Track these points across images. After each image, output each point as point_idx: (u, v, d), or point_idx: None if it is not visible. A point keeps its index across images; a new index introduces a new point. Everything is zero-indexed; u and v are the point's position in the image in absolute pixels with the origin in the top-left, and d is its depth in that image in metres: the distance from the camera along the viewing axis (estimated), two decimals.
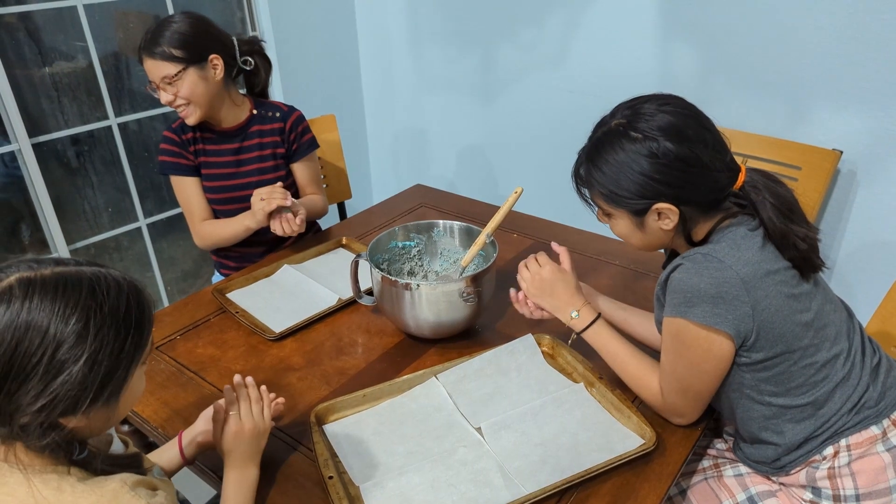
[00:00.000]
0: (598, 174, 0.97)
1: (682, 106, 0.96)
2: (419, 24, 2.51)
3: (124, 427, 1.22)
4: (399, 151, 2.88)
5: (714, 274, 0.90)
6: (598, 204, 1.03)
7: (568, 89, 2.17)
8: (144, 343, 0.72)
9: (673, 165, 0.92)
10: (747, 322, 0.91)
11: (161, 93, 1.49)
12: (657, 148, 0.92)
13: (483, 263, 1.30)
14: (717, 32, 1.80)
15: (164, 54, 1.44)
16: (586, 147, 1.01)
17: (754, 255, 0.92)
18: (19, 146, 1.98)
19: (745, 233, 0.94)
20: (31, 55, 2.00)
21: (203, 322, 1.36)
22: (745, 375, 0.97)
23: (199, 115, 1.53)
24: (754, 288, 0.90)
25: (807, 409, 0.97)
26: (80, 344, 0.65)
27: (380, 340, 1.29)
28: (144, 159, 2.36)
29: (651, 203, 0.95)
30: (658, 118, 0.93)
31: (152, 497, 0.70)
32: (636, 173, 0.93)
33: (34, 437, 0.65)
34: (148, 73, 1.48)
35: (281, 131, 1.65)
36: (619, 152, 0.94)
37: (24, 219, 2.12)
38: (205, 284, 2.36)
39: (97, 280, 0.68)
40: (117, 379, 0.69)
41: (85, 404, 0.66)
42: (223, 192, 1.62)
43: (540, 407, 1.07)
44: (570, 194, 1.08)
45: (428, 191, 2.00)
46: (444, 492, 0.93)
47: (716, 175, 0.94)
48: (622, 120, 0.96)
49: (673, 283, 0.95)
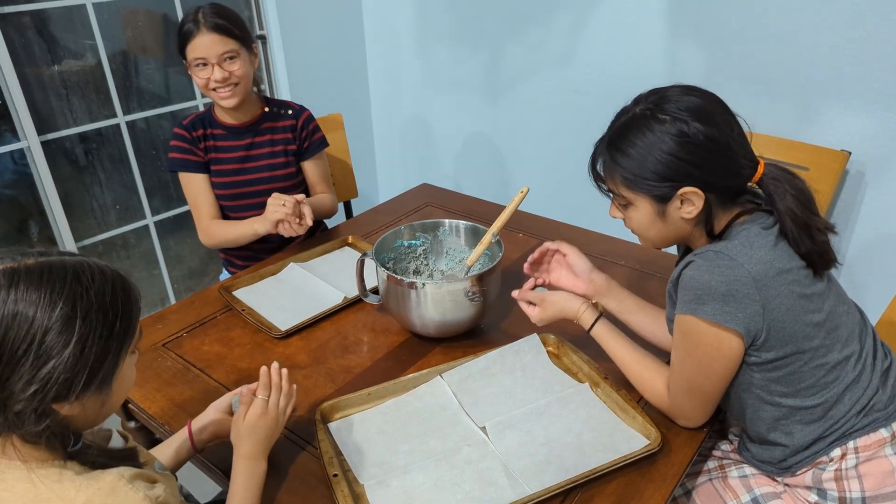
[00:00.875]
0: (622, 158, 0.95)
1: (707, 93, 0.95)
2: (426, 23, 2.51)
3: (131, 423, 1.22)
4: (405, 150, 2.88)
5: (725, 272, 0.90)
6: (617, 193, 0.99)
7: (574, 89, 2.17)
8: (133, 330, 0.73)
9: (702, 146, 0.90)
10: (757, 321, 0.90)
11: (215, 69, 1.49)
12: (686, 128, 0.90)
13: (489, 263, 1.30)
14: (725, 32, 1.79)
15: (228, 30, 1.47)
16: (606, 136, 0.99)
17: (767, 253, 0.91)
18: (28, 144, 1.99)
19: (758, 231, 0.93)
20: (40, 53, 2.02)
21: (209, 319, 1.36)
22: (754, 375, 0.96)
23: (239, 99, 1.55)
24: (765, 286, 0.89)
25: (816, 410, 0.96)
26: (68, 329, 0.65)
27: (385, 339, 1.29)
28: (152, 157, 2.37)
29: (677, 186, 0.93)
30: (685, 100, 0.92)
31: (150, 489, 0.70)
32: (664, 154, 0.91)
33: (30, 423, 0.66)
34: (200, 50, 1.47)
35: (293, 129, 1.67)
36: (646, 134, 0.93)
37: (32, 216, 2.13)
38: (211, 282, 2.37)
39: (81, 268, 0.68)
40: (108, 364, 0.70)
41: (77, 389, 0.67)
42: (233, 188, 1.62)
43: (545, 407, 1.07)
44: (577, 194, 1.09)
45: (434, 190, 2.00)
46: (448, 491, 0.93)
47: (741, 162, 0.93)
48: (648, 105, 0.95)
49: (684, 280, 0.94)
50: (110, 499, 0.67)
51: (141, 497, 0.68)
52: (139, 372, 1.19)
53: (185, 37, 1.48)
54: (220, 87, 1.51)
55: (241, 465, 0.91)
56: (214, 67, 1.48)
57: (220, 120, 1.62)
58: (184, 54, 1.51)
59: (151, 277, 2.51)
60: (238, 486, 0.90)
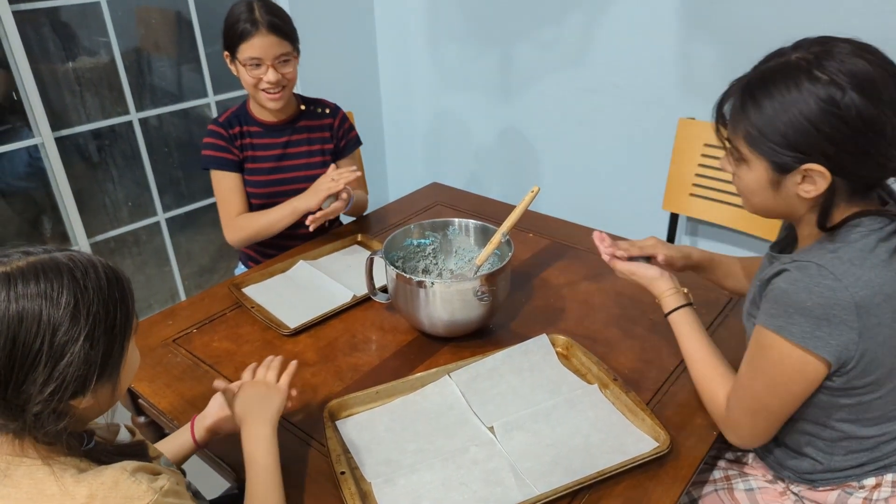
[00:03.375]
0: (753, 109, 0.82)
1: (885, 60, 0.79)
2: (438, 21, 2.51)
3: (141, 418, 1.23)
4: (416, 149, 2.89)
5: (825, 293, 0.79)
6: (735, 145, 0.87)
7: (587, 88, 2.16)
8: (131, 314, 0.73)
9: (850, 123, 0.76)
10: (850, 349, 0.81)
11: (269, 70, 1.48)
12: (840, 96, 0.76)
13: (498, 262, 1.30)
14: (740, 32, 1.77)
15: (285, 32, 1.48)
16: (747, 76, 0.85)
17: (878, 274, 0.80)
18: (42, 140, 2.01)
19: (874, 242, 0.81)
20: (55, 50, 2.04)
21: (219, 316, 1.37)
22: (820, 396, 0.88)
23: (285, 101, 1.57)
24: (867, 314, 0.79)
25: (869, 441, 0.89)
26: (75, 324, 0.66)
27: (393, 338, 1.29)
28: (164, 154, 2.39)
29: (803, 160, 0.80)
30: (852, 62, 0.77)
31: (153, 482, 0.70)
32: (802, 118, 0.78)
33: (49, 423, 0.66)
34: (257, 50, 1.45)
35: (330, 127, 1.68)
36: (791, 90, 0.78)
37: (45, 211, 2.15)
38: (221, 279, 2.38)
39: (73, 262, 0.68)
40: (116, 352, 0.70)
41: (92, 382, 0.68)
42: (269, 186, 1.62)
43: (553, 407, 1.07)
44: (588, 194, 1.07)
45: (444, 189, 2.00)
46: (455, 490, 0.93)
47: (891, 153, 0.79)
48: (807, 54, 0.80)
49: (774, 292, 0.84)
50: (113, 492, 0.67)
51: (144, 489, 0.68)
52: (149, 368, 1.21)
53: (241, 35, 1.45)
54: (270, 88, 1.50)
55: (245, 430, 0.91)
56: (269, 69, 1.47)
57: (257, 117, 1.62)
58: (232, 50, 1.48)
59: (162, 274, 2.52)
60: (249, 449, 0.90)
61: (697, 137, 1.89)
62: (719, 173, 1.87)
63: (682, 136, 1.91)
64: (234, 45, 1.47)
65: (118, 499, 0.67)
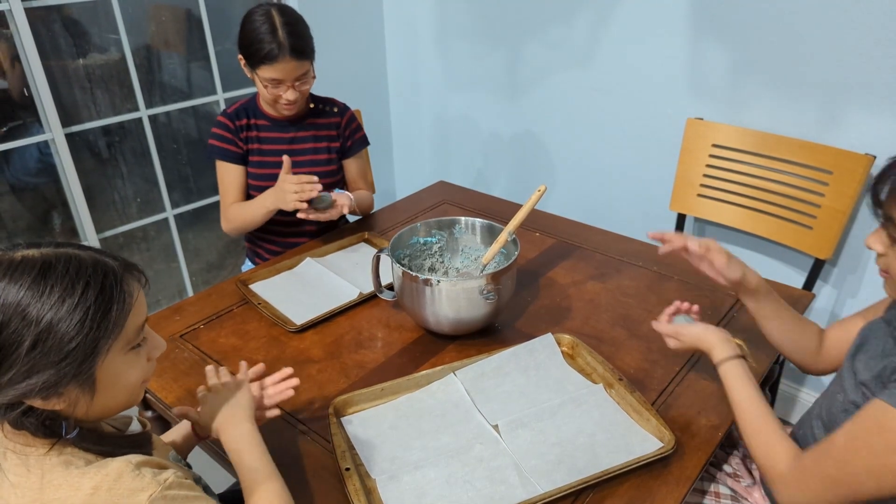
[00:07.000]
0: None
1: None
2: (446, 20, 2.51)
3: (147, 413, 1.24)
4: (423, 147, 2.89)
5: None
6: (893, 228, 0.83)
7: (595, 88, 2.16)
8: (113, 324, 0.68)
9: None
10: None
11: (289, 90, 1.50)
12: None
13: (504, 261, 1.30)
14: (748, 31, 1.77)
15: (307, 54, 1.48)
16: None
17: None
18: (53, 135, 2.02)
19: None
20: (66, 47, 2.05)
21: (226, 312, 1.38)
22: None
23: (299, 109, 1.59)
24: None
25: None
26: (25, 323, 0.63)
27: (399, 335, 1.29)
28: (173, 151, 2.40)
29: None
30: None
31: (158, 475, 0.70)
32: None
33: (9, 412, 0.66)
34: (280, 73, 1.46)
35: (337, 126, 1.70)
36: None
37: (55, 207, 2.17)
38: (229, 275, 2.39)
39: (55, 259, 0.66)
40: (87, 359, 0.66)
41: (62, 385, 0.65)
42: (273, 181, 1.62)
43: (558, 406, 1.07)
44: (595, 194, 1.07)
45: (451, 188, 2.00)
46: (459, 487, 0.93)
47: None
48: None
49: None
50: (117, 484, 0.67)
51: (148, 481, 0.68)
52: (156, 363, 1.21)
53: (264, 58, 1.44)
54: (288, 102, 1.54)
55: (223, 441, 0.90)
56: (289, 89, 1.50)
57: (266, 111, 1.64)
58: (251, 63, 1.49)
59: (170, 270, 2.54)
60: (232, 448, 0.88)
61: (705, 138, 1.88)
62: (727, 174, 1.86)
63: (690, 136, 1.91)
64: (255, 62, 1.48)
65: (122, 491, 0.67)
